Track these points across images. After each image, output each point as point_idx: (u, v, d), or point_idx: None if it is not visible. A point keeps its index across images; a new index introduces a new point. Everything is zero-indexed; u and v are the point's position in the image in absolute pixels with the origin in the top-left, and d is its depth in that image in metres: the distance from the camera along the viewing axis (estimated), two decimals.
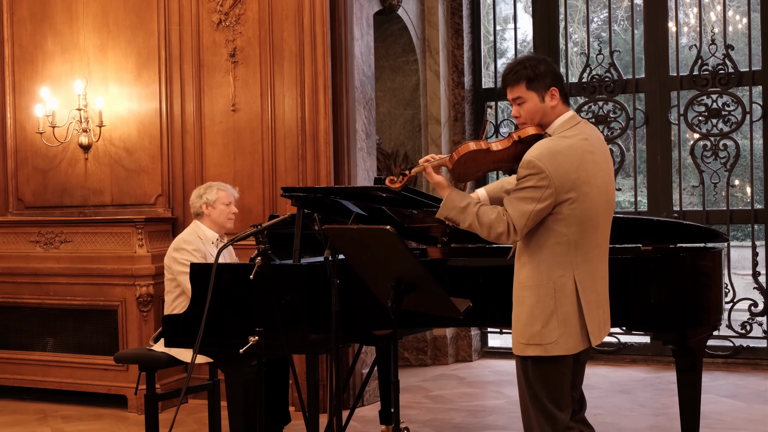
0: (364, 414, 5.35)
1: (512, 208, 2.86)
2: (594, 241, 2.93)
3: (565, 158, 2.85)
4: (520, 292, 2.95)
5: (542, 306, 2.88)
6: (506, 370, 6.77)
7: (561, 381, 2.94)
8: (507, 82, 2.99)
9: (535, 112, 2.95)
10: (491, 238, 2.90)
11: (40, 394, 5.96)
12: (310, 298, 3.64)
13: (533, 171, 2.82)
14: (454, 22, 7.26)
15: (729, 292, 6.57)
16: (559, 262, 2.87)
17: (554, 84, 2.95)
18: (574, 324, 2.87)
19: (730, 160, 6.70)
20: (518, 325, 2.95)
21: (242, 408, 3.80)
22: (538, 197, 2.82)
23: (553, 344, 2.87)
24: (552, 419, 2.91)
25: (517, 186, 2.88)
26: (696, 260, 3.78)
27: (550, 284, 2.87)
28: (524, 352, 2.93)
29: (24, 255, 6.04)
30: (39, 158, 6.44)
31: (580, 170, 2.86)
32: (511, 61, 3.08)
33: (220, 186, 4.63)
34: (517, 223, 2.84)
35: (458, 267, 3.88)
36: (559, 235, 2.86)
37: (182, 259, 4.38)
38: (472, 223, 2.91)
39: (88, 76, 6.26)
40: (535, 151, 2.86)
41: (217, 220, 4.56)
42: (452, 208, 2.94)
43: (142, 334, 5.59)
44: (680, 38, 7.11)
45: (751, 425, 4.97)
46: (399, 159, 7.19)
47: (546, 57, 3.05)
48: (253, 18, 5.79)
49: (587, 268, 2.90)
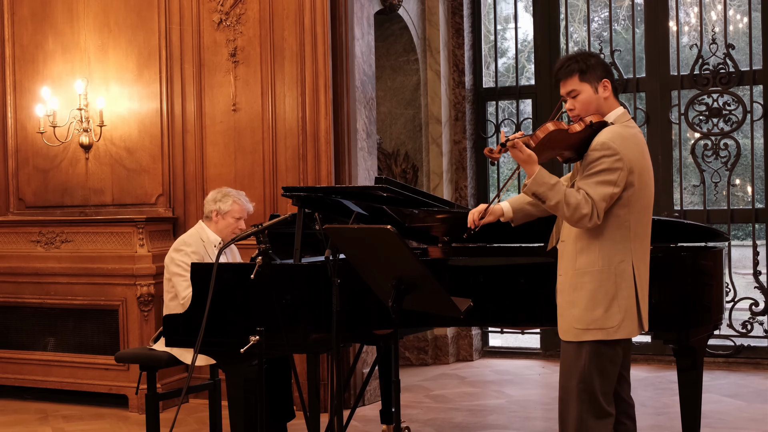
0: (365, 413, 5.35)
1: (593, 191, 2.90)
2: (648, 229, 3.03)
3: (632, 144, 2.95)
4: (578, 278, 2.98)
5: (604, 291, 2.94)
6: (507, 369, 6.77)
7: (614, 371, 3.01)
8: (559, 76, 3.05)
9: (589, 104, 3.01)
10: (573, 219, 2.91)
11: (41, 393, 5.96)
12: (310, 298, 3.64)
13: (608, 153, 2.88)
14: (454, 22, 7.26)
15: (730, 292, 6.57)
16: (620, 248, 2.95)
17: (606, 76, 3.03)
18: (633, 309, 2.96)
19: (731, 159, 6.69)
20: (575, 311, 2.99)
21: (243, 407, 3.80)
22: (615, 180, 2.89)
23: (615, 328, 2.94)
24: (599, 411, 2.96)
25: (589, 170, 2.92)
26: (697, 259, 3.79)
27: (611, 269, 2.94)
28: (582, 337, 2.97)
29: (25, 255, 6.04)
30: (40, 158, 6.45)
31: (643, 158, 2.99)
32: (561, 57, 3.13)
33: (236, 198, 4.53)
34: (599, 207, 2.89)
35: (459, 266, 3.88)
36: (621, 220, 2.95)
37: (179, 260, 4.38)
38: (559, 201, 2.91)
39: (88, 75, 6.26)
40: (607, 134, 2.93)
41: (222, 231, 4.52)
42: (542, 183, 2.93)
43: (143, 333, 5.59)
44: (681, 37, 7.10)
45: (752, 424, 4.97)
46: (400, 158, 7.19)
47: (595, 52, 3.11)
48: (253, 17, 5.79)
49: (643, 255, 3.00)
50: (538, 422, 5.18)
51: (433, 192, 7.04)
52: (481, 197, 7.32)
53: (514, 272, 3.74)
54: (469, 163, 7.27)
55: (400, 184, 4.01)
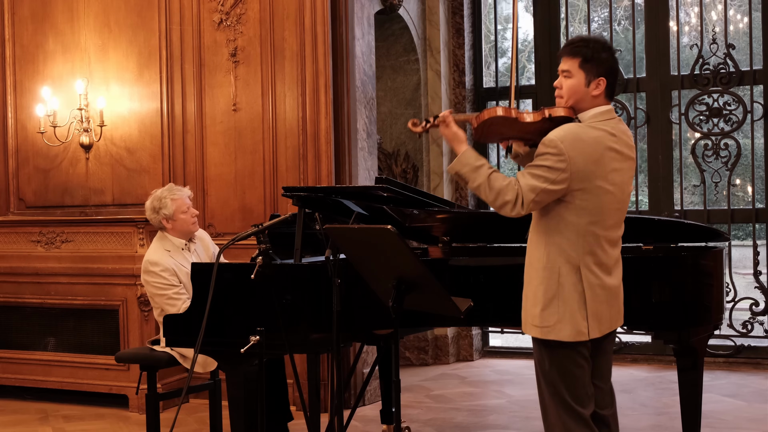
0: (365, 413, 5.35)
1: (524, 180, 2.84)
2: (604, 237, 2.91)
3: (587, 147, 2.83)
4: (529, 272, 2.97)
5: (544, 289, 2.89)
6: (507, 369, 6.77)
7: (582, 374, 2.93)
8: (564, 52, 2.96)
9: (574, 92, 2.92)
10: (496, 205, 2.86)
11: (42, 393, 5.95)
12: (311, 298, 3.64)
13: (553, 151, 2.80)
14: (455, 22, 7.25)
15: (730, 292, 6.57)
16: (566, 251, 2.87)
17: (606, 75, 2.91)
18: (574, 314, 2.86)
19: (731, 159, 6.69)
20: (526, 304, 2.98)
21: (243, 407, 3.79)
22: (553, 178, 2.81)
23: (549, 329, 2.89)
24: (575, 415, 2.90)
25: (534, 162, 2.86)
26: (697, 259, 3.78)
27: (555, 269, 2.87)
28: (527, 330, 2.99)
29: (25, 255, 6.04)
30: (40, 158, 6.45)
31: (599, 164, 2.84)
32: (580, 35, 3.03)
33: (172, 195, 4.47)
34: (526, 197, 2.82)
35: (459, 266, 3.88)
36: (569, 224, 2.86)
37: (154, 283, 4.35)
38: (481, 184, 2.86)
39: (89, 75, 6.26)
40: (561, 132, 2.84)
41: (182, 230, 4.49)
42: (466, 164, 2.88)
43: (143, 333, 5.59)
44: (681, 37, 7.10)
45: (753, 424, 4.97)
46: (400, 158, 7.18)
47: (613, 48, 3.02)
48: (254, 17, 5.79)
49: (594, 260, 2.89)
50: (538, 422, 5.16)
51: (433, 192, 7.04)
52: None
53: (515, 272, 3.72)
54: None
55: (401, 184, 4.01)
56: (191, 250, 4.54)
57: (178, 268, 4.39)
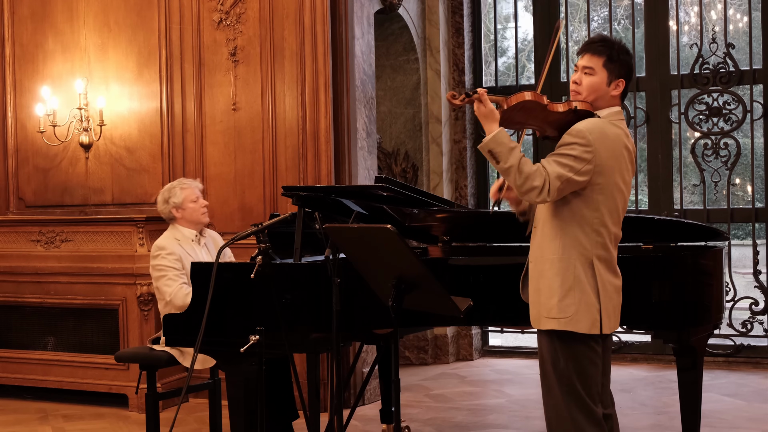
0: (365, 413, 5.35)
1: (551, 168, 2.84)
2: (614, 234, 2.97)
3: (610, 143, 2.88)
4: (542, 265, 2.96)
5: (561, 280, 2.90)
6: (507, 369, 6.77)
7: (595, 371, 2.93)
8: (588, 49, 2.99)
9: (595, 90, 2.96)
10: (523, 189, 2.85)
11: (41, 393, 5.96)
12: (311, 298, 3.64)
13: (582, 141, 2.83)
14: (454, 21, 7.25)
15: (730, 291, 6.57)
16: (582, 242, 2.89)
17: (625, 77, 2.98)
18: (591, 306, 2.89)
19: (731, 158, 6.69)
20: (541, 298, 2.96)
21: (243, 407, 3.79)
22: (578, 168, 2.83)
23: (568, 319, 2.89)
24: (589, 413, 2.90)
25: (558, 150, 2.87)
26: (697, 259, 3.78)
27: (571, 261, 2.89)
28: (544, 325, 2.95)
29: (25, 254, 6.04)
30: (40, 157, 6.45)
31: (618, 161, 2.91)
32: (600, 34, 3.08)
33: (182, 185, 4.59)
34: (553, 184, 2.82)
35: (459, 266, 3.88)
36: (585, 217, 2.89)
37: (158, 265, 4.39)
38: (513, 165, 2.83)
39: (88, 75, 6.26)
40: (588, 124, 2.88)
41: (192, 218, 4.55)
42: (501, 143, 2.85)
43: (143, 333, 5.59)
44: (681, 37, 7.10)
45: (752, 424, 4.97)
46: (400, 158, 7.19)
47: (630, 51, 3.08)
48: (253, 17, 5.79)
49: (606, 255, 2.93)
50: (538, 422, 5.17)
51: (433, 191, 7.04)
52: (481, 196, 7.32)
53: (515, 271, 3.72)
54: (469, 162, 7.27)
55: (400, 184, 4.00)
56: (201, 243, 4.57)
57: (185, 256, 4.41)
